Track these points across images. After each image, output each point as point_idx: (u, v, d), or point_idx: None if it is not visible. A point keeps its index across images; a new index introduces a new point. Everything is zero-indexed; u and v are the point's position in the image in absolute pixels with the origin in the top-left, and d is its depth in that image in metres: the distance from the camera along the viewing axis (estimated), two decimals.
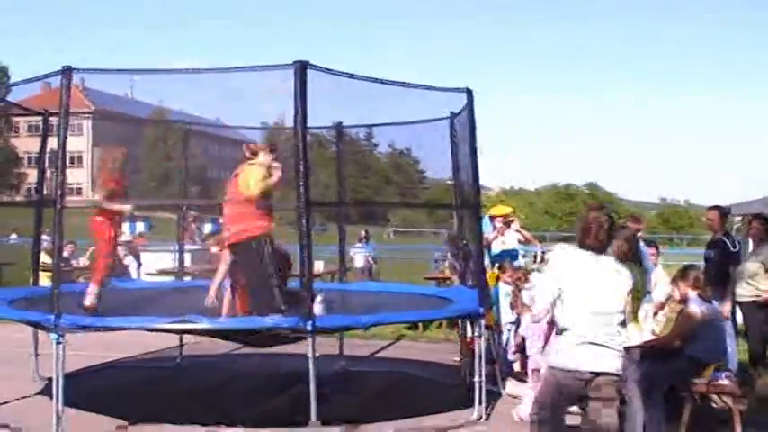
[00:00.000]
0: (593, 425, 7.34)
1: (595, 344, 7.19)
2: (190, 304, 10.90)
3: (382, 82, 10.11)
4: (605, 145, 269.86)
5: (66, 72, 9.41)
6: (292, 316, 9.39)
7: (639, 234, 11.52)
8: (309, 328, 9.00)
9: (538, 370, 10.34)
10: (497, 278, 13.00)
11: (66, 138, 9.74)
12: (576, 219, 9.21)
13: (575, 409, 7.70)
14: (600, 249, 7.41)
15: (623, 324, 7.43)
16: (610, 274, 7.37)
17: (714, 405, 10.61)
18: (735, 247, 12.57)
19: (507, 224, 14.42)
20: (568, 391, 7.34)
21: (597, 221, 7.43)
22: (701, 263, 12.54)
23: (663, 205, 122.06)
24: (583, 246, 7.45)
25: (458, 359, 13.40)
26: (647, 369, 9.50)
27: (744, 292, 12.29)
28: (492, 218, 14.28)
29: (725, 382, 9.83)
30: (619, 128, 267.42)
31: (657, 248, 13.55)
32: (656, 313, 11.14)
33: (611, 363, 7.25)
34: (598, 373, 7.21)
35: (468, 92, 11.01)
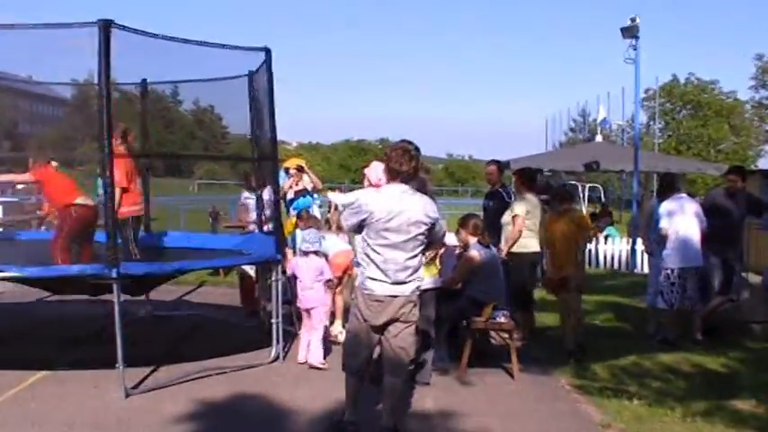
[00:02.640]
0: (388, 352, 7.79)
1: (396, 272, 7.57)
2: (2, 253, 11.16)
3: (186, 41, 10.27)
4: (397, 103, 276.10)
5: None
6: (97, 264, 9.62)
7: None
8: (114, 275, 9.14)
9: (308, 310, 11.08)
10: (295, 225, 13.38)
11: None
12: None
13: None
14: (406, 175, 7.71)
15: (420, 255, 7.82)
16: (412, 206, 7.65)
17: (493, 341, 11.56)
18: (509, 197, 13.34)
19: (300, 169, 14.95)
20: (371, 318, 7.66)
21: (403, 148, 7.74)
22: (481, 212, 13.45)
23: (449, 160, 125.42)
24: (390, 171, 7.73)
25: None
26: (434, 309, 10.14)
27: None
28: (286, 170, 14.75)
29: (502, 320, 10.64)
30: (409, 87, 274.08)
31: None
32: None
33: (408, 288, 7.65)
34: (395, 296, 7.59)
35: (267, 51, 11.30)
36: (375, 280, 7.62)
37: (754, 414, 9.16)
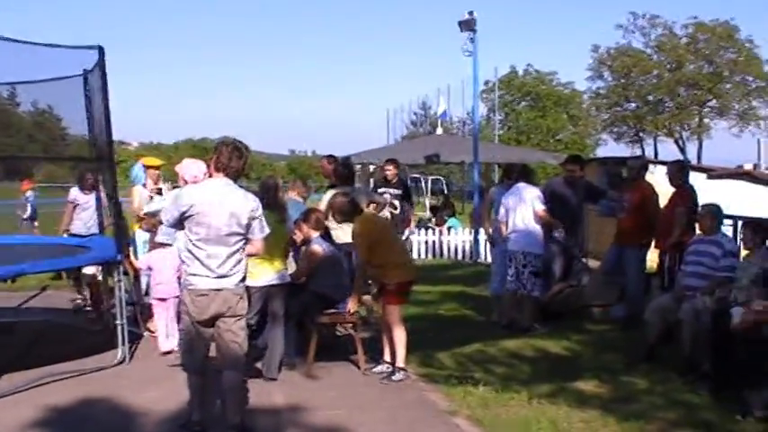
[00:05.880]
0: (222, 347, 7.88)
1: (219, 266, 7.67)
2: None
3: (16, 41, 10.18)
4: (238, 102, 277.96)
5: None
6: None
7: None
8: None
9: (164, 299, 11.41)
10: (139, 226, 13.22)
11: None
12: None
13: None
14: (234, 171, 7.82)
15: (242, 249, 7.88)
16: (233, 201, 7.74)
17: (339, 334, 11.66)
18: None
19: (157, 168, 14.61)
20: (198, 313, 7.71)
21: (234, 145, 7.87)
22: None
23: (292, 156, 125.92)
24: (218, 166, 7.81)
25: (80, 300, 14.31)
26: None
27: None
28: (146, 167, 14.35)
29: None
30: (250, 85, 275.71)
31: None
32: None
33: (233, 281, 7.76)
34: (220, 289, 7.68)
35: (100, 49, 11.07)
36: (198, 275, 7.69)
37: (597, 394, 9.50)
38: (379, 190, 16.24)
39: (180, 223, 7.81)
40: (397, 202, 16.24)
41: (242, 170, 7.92)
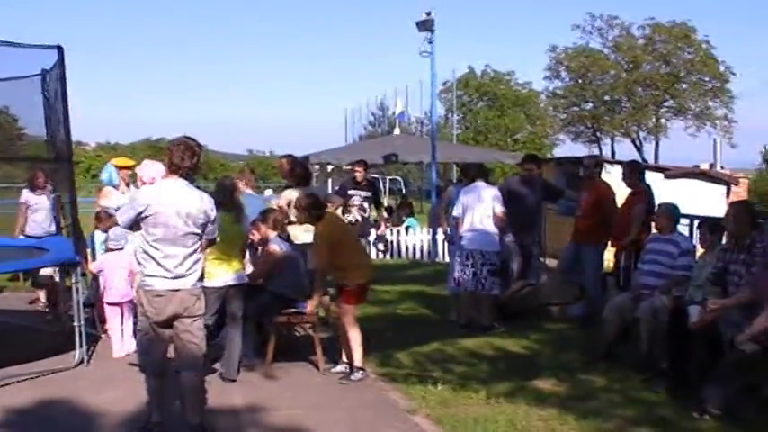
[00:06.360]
0: (180, 348, 7.85)
1: (176, 267, 7.64)
2: None
3: None
4: (197, 101, 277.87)
5: None
6: None
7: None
8: None
9: (120, 304, 11.35)
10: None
11: None
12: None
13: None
14: (187, 170, 7.76)
15: (199, 250, 7.88)
16: (189, 201, 7.72)
17: (297, 334, 11.66)
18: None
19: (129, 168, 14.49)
20: (155, 314, 7.67)
21: (185, 143, 7.78)
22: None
23: (250, 156, 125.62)
24: (171, 166, 7.77)
25: (41, 306, 14.09)
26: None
27: None
28: (119, 168, 14.18)
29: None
30: (208, 84, 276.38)
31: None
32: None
33: (189, 281, 7.74)
34: (177, 290, 7.66)
35: (59, 48, 10.91)
36: (155, 276, 7.65)
37: (555, 392, 9.56)
38: (349, 192, 16.20)
39: (136, 224, 7.76)
40: (366, 205, 16.23)
41: (195, 167, 7.88)
